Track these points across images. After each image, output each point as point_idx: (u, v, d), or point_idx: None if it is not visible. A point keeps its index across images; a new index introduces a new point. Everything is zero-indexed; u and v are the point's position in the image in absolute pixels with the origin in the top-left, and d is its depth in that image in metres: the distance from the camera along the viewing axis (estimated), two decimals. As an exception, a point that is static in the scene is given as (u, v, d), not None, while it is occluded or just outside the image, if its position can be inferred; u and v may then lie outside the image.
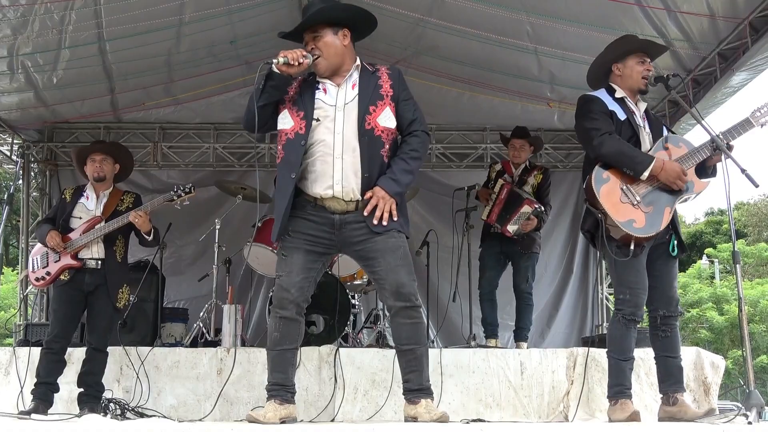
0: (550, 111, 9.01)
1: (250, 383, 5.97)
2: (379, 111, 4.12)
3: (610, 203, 4.45)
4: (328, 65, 4.17)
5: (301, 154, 4.07)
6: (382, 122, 4.12)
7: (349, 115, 4.10)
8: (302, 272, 4.12)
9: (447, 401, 5.91)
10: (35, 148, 9.54)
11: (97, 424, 3.50)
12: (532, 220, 7.05)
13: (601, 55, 4.85)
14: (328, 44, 4.16)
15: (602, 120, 4.56)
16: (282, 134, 4.18)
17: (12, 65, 7.48)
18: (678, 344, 4.66)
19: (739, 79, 7.04)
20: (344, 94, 4.16)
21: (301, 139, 4.08)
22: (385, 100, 4.16)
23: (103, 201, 5.87)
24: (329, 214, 4.12)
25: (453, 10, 7.07)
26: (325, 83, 4.20)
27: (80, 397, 5.61)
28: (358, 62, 4.28)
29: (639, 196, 4.45)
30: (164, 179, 9.70)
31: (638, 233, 4.41)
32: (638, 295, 4.52)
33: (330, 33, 4.18)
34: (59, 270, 5.72)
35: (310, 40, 4.19)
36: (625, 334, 4.55)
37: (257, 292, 9.26)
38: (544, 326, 9.46)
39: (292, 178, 4.06)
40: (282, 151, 4.17)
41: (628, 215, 4.42)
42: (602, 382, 5.84)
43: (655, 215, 4.43)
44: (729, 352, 21.81)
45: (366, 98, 4.14)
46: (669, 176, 4.40)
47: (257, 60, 8.36)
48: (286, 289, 4.10)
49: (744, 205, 35.61)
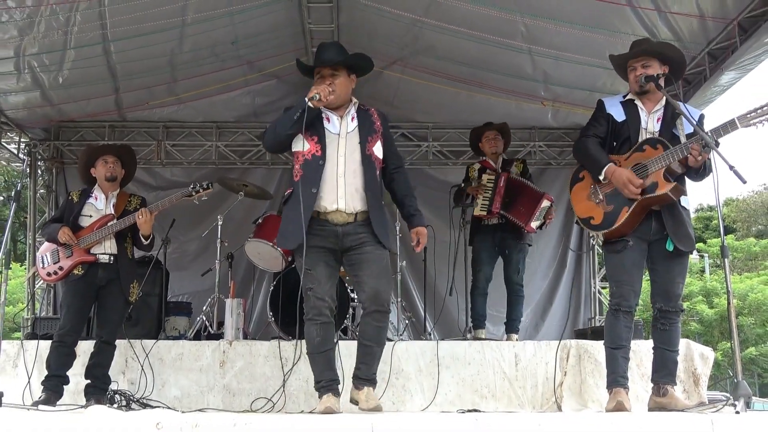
0: (544, 109, 9.01)
1: (252, 375, 5.98)
2: (374, 142, 4.70)
3: (577, 199, 4.87)
4: (337, 101, 4.66)
5: (320, 173, 4.54)
6: (376, 151, 4.70)
7: (350, 142, 4.64)
8: (329, 281, 4.58)
9: (443, 392, 5.92)
10: (42, 147, 9.52)
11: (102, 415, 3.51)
12: (552, 213, 7.09)
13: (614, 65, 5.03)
14: (343, 84, 4.69)
15: (594, 123, 4.85)
16: (299, 155, 4.63)
17: (19, 65, 7.48)
18: (677, 339, 4.69)
19: (727, 78, 7.05)
20: (346, 125, 4.68)
21: (318, 160, 4.56)
22: (377, 135, 4.74)
23: (112, 201, 5.88)
24: (332, 226, 4.57)
25: (449, 11, 7.06)
26: (328, 114, 4.68)
27: (87, 389, 5.61)
28: (355, 100, 4.82)
29: (603, 195, 4.70)
30: (168, 176, 9.73)
31: (593, 229, 4.78)
32: (622, 288, 4.66)
33: (345, 74, 4.72)
34: (73, 265, 5.72)
35: (327, 75, 4.68)
36: (613, 323, 4.68)
37: (259, 286, 9.26)
38: (538, 319, 9.47)
39: (314, 192, 4.51)
40: (300, 170, 4.60)
41: (588, 212, 4.77)
42: (594, 374, 5.87)
43: (612, 214, 4.65)
44: (718, 344, 21.87)
45: (365, 130, 4.70)
46: (617, 182, 4.62)
47: (258, 60, 8.39)
48: (320, 298, 4.50)
49: (733, 201, 35.67)
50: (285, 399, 5.80)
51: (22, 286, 13.40)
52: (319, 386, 4.50)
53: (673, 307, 4.62)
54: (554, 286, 9.65)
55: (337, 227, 4.56)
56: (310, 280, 4.51)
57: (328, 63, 4.69)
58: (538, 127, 9.61)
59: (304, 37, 7.92)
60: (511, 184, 7.09)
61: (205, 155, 9.72)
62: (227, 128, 9.73)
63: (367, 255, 4.56)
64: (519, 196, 7.06)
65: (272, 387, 5.91)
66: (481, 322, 7.24)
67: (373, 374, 4.59)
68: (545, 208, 6.98)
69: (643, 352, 5.81)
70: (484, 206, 7.15)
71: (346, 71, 4.73)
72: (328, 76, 4.67)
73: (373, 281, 4.53)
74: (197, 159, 9.73)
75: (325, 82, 4.64)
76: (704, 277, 26.33)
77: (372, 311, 4.53)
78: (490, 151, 7.39)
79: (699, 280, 25.73)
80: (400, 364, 5.98)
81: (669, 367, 4.63)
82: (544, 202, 6.96)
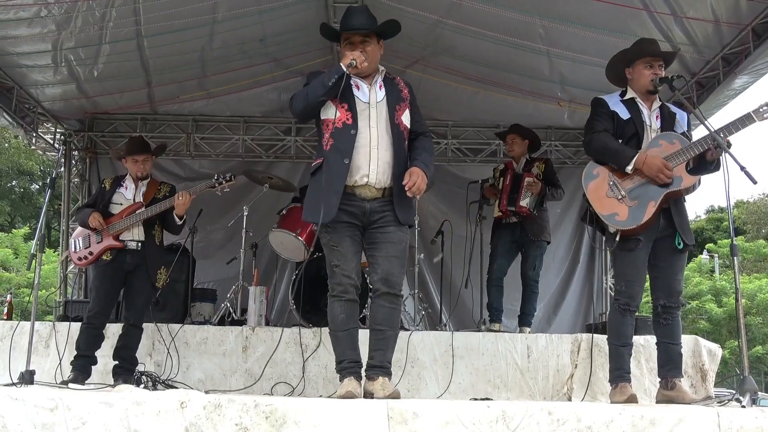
0: (560, 110, 8.97)
1: (273, 360, 6.01)
2: (402, 111, 4.39)
3: (596, 197, 4.56)
4: (368, 68, 4.36)
5: (352, 143, 4.23)
6: (405, 120, 4.39)
7: (380, 112, 4.33)
8: (354, 258, 4.29)
9: (458, 381, 5.93)
10: (76, 137, 9.61)
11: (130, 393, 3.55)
12: (532, 185, 7.03)
13: (613, 59, 4.89)
14: (374, 52, 4.39)
15: (601, 120, 4.65)
16: (328, 123, 4.31)
17: (56, 59, 7.56)
18: (678, 332, 4.64)
19: (741, 83, 7.00)
20: (375, 94, 4.37)
21: (350, 129, 4.24)
22: (405, 103, 4.43)
23: (141, 190, 5.96)
24: (360, 201, 4.27)
25: (470, 13, 7.04)
26: (358, 81, 4.37)
27: (115, 370, 5.69)
28: (382, 69, 4.50)
29: (625, 190, 4.50)
30: (196, 168, 9.80)
31: (620, 225, 4.47)
32: (633, 287, 4.56)
33: (375, 41, 4.42)
34: (102, 250, 5.79)
35: (358, 42, 4.37)
36: (621, 321, 4.60)
37: (281, 275, 9.28)
38: (550, 313, 9.46)
39: (346, 163, 4.20)
40: (330, 138, 4.28)
41: (611, 209, 4.50)
42: (604, 367, 5.82)
43: (638, 209, 4.45)
44: (726, 342, 21.66)
45: (393, 99, 4.38)
46: (651, 170, 4.41)
47: (285, 57, 8.41)
48: (347, 275, 4.23)
49: (743, 203, 35.30)
50: (304, 384, 5.84)
51: (55, 272, 13.51)
52: (341, 367, 4.20)
53: (675, 303, 4.57)
54: (567, 281, 9.65)
55: (365, 203, 4.26)
56: (336, 257, 4.24)
57: (361, 29, 4.39)
58: (555, 127, 9.59)
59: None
60: (513, 181, 7.14)
61: (233, 148, 9.76)
62: (254, 122, 9.77)
63: (388, 235, 4.25)
64: (518, 187, 7.10)
65: (292, 372, 5.95)
66: (497, 316, 7.24)
67: (388, 362, 4.23)
68: (528, 184, 7.02)
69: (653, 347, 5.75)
70: (497, 207, 7.27)
71: (376, 38, 4.43)
72: (359, 42, 4.36)
73: (386, 263, 4.23)
74: (225, 152, 9.77)
75: (356, 48, 4.34)
76: (714, 277, 26.11)
77: (383, 293, 4.22)
78: (509, 154, 7.44)
79: (709, 279, 25.53)
80: (415, 353, 5.99)
81: (675, 360, 4.60)
82: (526, 179, 7.03)
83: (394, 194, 4.29)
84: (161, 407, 3.27)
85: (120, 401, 3.31)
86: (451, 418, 3.28)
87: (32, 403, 3.27)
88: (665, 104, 4.76)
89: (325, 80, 4.24)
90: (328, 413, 3.29)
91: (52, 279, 17.05)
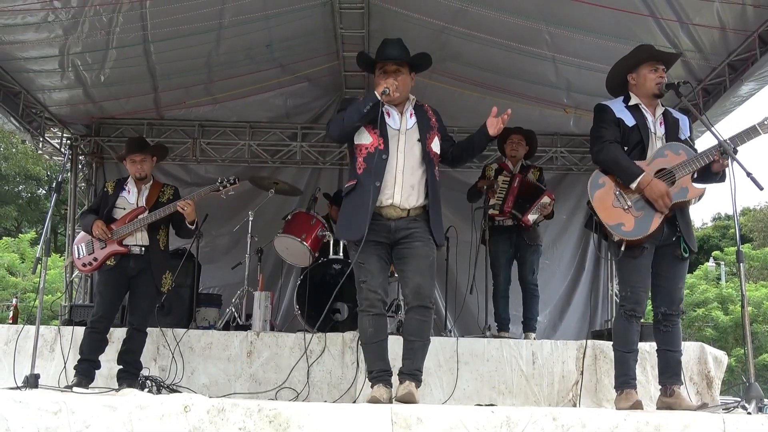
0: (566, 116, 8.97)
1: (278, 365, 6.01)
2: (432, 138, 4.66)
3: (602, 207, 4.55)
4: (399, 97, 4.61)
5: (383, 167, 4.51)
6: (434, 148, 4.66)
7: (410, 139, 4.60)
8: (381, 275, 4.54)
9: (462, 387, 5.92)
10: (83, 142, 9.63)
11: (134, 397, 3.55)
12: (547, 208, 7.10)
13: (616, 66, 4.85)
14: (405, 82, 4.66)
15: (608, 128, 4.61)
16: (362, 148, 4.58)
17: (63, 63, 7.59)
18: (679, 339, 4.63)
19: (747, 89, 6.98)
20: (405, 122, 4.64)
21: (382, 154, 4.51)
22: (434, 131, 4.70)
23: (144, 194, 5.94)
24: (385, 221, 4.53)
25: (476, 19, 7.05)
26: (389, 109, 4.64)
27: (119, 374, 5.67)
28: (412, 97, 4.77)
29: (631, 201, 4.49)
30: (202, 173, 9.80)
31: (626, 236, 4.46)
32: (638, 293, 4.53)
33: (407, 72, 4.70)
34: (106, 256, 5.79)
35: (391, 71, 4.65)
36: (627, 328, 4.56)
37: (287, 280, 9.30)
38: (556, 319, 9.46)
39: (377, 186, 4.47)
40: (363, 163, 4.56)
41: (617, 219, 4.49)
42: (610, 374, 5.80)
43: (644, 220, 4.45)
44: (732, 350, 21.58)
45: (423, 127, 4.66)
46: (653, 194, 4.42)
47: (291, 63, 8.43)
48: (374, 291, 4.48)
49: (750, 211, 35.25)
50: (309, 389, 5.84)
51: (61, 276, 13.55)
52: (372, 376, 4.49)
53: (676, 310, 4.56)
54: (572, 288, 9.64)
55: (390, 222, 4.52)
56: (363, 273, 4.50)
57: (396, 59, 4.66)
58: (560, 133, 9.61)
59: (335, 41, 7.95)
60: (524, 185, 7.12)
61: (238, 153, 9.77)
62: (260, 128, 9.78)
63: (416, 250, 4.50)
64: (528, 195, 7.10)
65: (297, 377, 5.94)
66: (504, 325, 7.24)
67: (416, 370, 4.46)
68: (543, 204, 7.04)
69: (658, 354, 5.77)
70: (497, 206, 7.19)
71: (408, 68, 4.70)
72: (392, 72, 4.64)
73: (418, 277, 4.46)
74: (230, 157, 9.78)
75: (390, 78, 4.59)
76: (720, 284, 26.02)
77: (415, 306, 4.47)
78: (510, 154, 7.38)
79: (715, 287, 25.45)
80: (420, 358, 5.97)
81: (674, 368, 4.57)
82: (544, 198, 7.04)
83: (431, 217, 4.58)
84: (165, 411, 3.28)
85: (124, 405, 3.31)
86: (455, 423, 3.28)
87: (36, 406, 3.27)
88: (668, 109, 4.74)
89: (361, 107, 4.51)
90: (332, 418, 3.29)
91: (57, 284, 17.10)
